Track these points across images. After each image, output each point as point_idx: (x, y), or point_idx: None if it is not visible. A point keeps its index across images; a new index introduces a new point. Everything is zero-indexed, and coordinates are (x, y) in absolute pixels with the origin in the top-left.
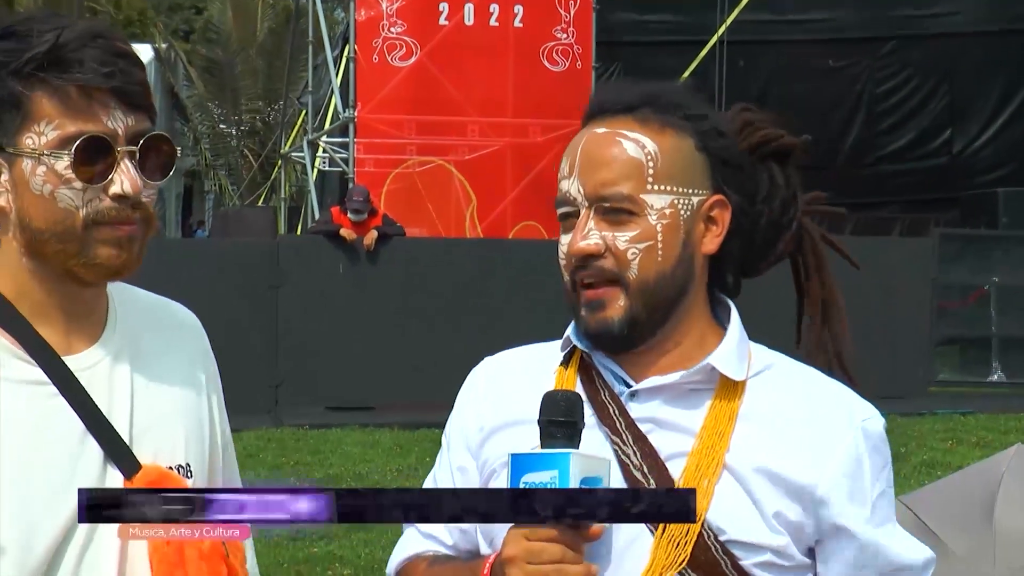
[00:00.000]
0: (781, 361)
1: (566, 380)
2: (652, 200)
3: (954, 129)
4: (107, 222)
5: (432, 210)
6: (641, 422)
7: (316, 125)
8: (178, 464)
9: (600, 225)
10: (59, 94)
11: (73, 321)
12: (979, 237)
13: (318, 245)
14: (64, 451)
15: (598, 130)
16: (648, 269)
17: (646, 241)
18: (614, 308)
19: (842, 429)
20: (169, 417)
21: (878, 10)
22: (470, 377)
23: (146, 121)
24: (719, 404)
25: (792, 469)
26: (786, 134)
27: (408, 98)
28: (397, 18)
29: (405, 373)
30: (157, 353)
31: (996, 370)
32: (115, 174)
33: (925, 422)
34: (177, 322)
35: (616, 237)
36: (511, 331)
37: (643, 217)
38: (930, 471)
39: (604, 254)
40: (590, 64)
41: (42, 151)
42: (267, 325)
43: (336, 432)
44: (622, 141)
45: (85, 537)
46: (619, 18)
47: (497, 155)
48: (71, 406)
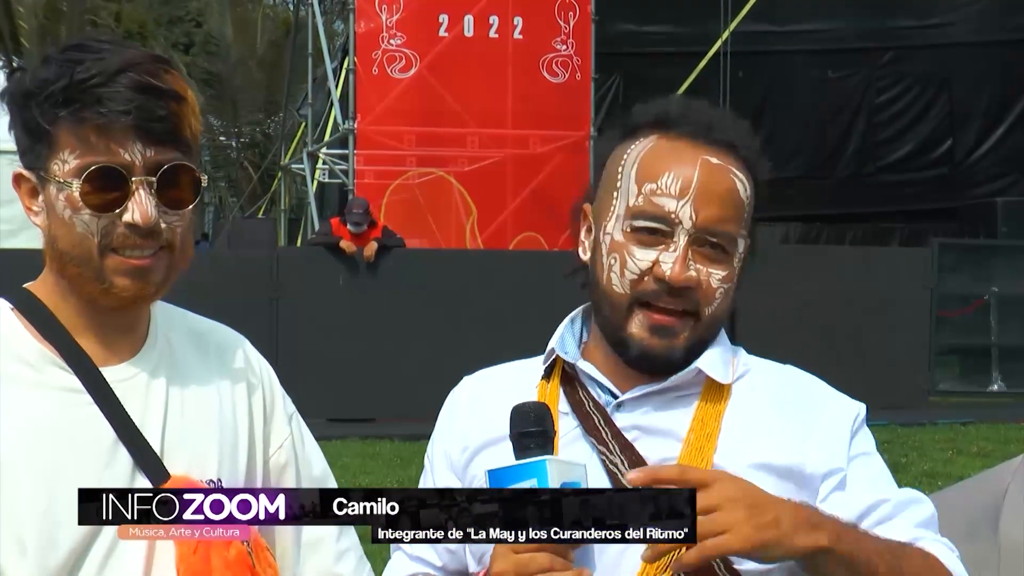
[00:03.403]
0: (760, 363)
1: (549, 392)
2: (740, 244)
3: (953, 139)
4: (118, 249)
5: (432, 221)
6: (627, 430)
7: (316, 137)
8: (208, 479)
9: (695, 257)
10: (77, 129)
11: (112, 335)
12: (978, 247)
13: (318, 257)
14: (94, 457)
15: (713, 160)
16: (723, 308)
17: (730, 282)
18: (682, 338)
19: (824, 409)
20: (203, 433)
21: (878, 20)
22: (451, 397)
23: (172, 152)
24: (705, 407)
25: (780, 454)
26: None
27: (408, 110)
28: (397, 30)
29: (405, 385)
30: (196, 372)
31: (996, 379)
32: (129, 203)
33: (925, 432)
34: (222, 344)
35: (711, 274)
36: (512, 342)
37: (732, 257)
38: (931, 481)
39: (696, 288)
40: (589, 75)
41: (62, 178)
42: (267, 337)
43: (336, 444)
44: (736, 181)
45: (110, 542)
46: (618, 29)
47: (497, 166)
48: (104, 415)
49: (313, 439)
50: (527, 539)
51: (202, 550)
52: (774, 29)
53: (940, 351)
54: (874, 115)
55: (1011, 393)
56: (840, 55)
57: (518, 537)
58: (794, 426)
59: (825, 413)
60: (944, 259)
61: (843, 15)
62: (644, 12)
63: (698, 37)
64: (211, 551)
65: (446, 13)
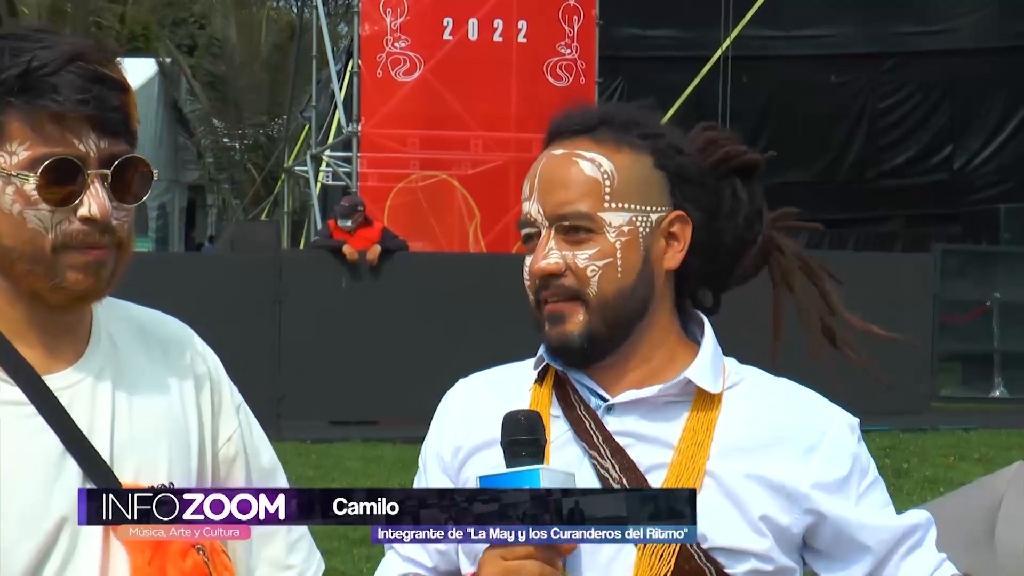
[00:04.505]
0: (754, 373)
1: (540, 397)
2: (610, 218)
3: (955, 145)
4: (76, 246)
5: (435, 224)
6: (618, 436)
7: (319, 139)
8: (160, 483)
9: (560, 244)
10: (31, 118)
11: (54, 339)
12: (981, 253)
13: (321, 259)
14: (42, 472)
15: (556, 152)
16: (607, 285)
17: (605, 258)
18: (573, 322)
19: (823, 427)
20: (152, 435)
21: (880, 26)
22: (444, 400)
23: (123, 144)
24: (696, 416)
25: (777, 470)
26: (748, 150)
27: (411, 113)
28: (401, 33)
29: (408, 387)
30: (142, 369)
31: (998, 386)
32: (84, 196)
33: (927, 438)
34: (166, 337)
35: (576, 255)
36: (514, 346)
37: (602, 235)
38: (932, 487)
39: (565, 273)
40: (593, 79)
41: (11, 171)
42: (270, 339)
43: (338, 446)
44: (579, 161)
45: (63, 559)
46: (622, 33)
47: (500, 170)
48: (50, 426)
49: (260, 428)
50: (527, 539)
51: (157, 562)
52: (777, 34)
53: (942, 357)
54: (876, 120)
55: (1013, 399)
56: (843, 61)
57: (518, 537)
58: (790, 442)
59: (821, 430)
60: (947, 265)
61: (846, 21)
62: (648, 17)
63: (702, 42)
64: (167, 562)
65: (450, 16)
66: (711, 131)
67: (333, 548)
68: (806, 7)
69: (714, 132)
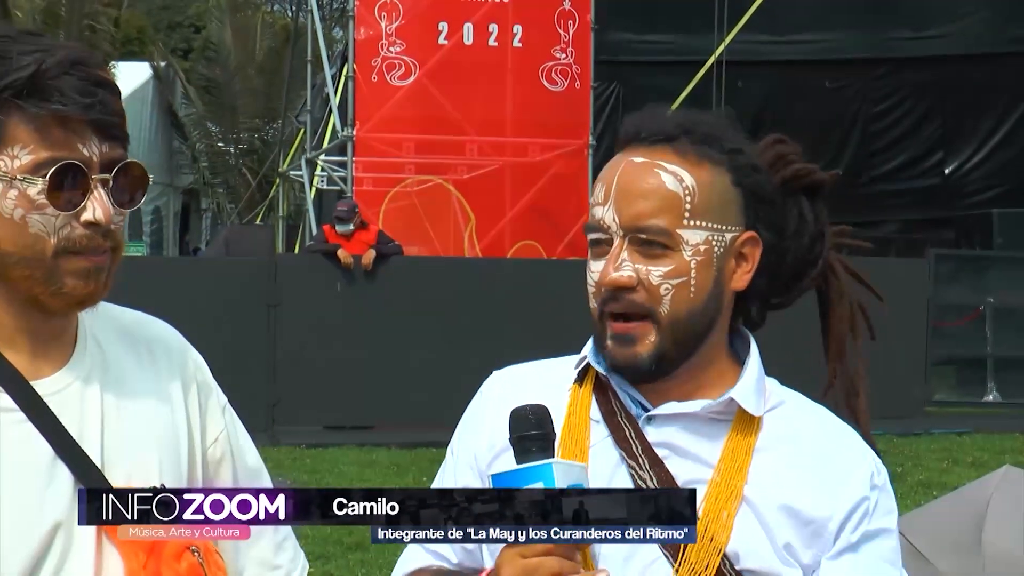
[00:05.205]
0: (794, 398)
1: (581, 398)
2: (688, 235)
3: (948, 150)
4: (77, 251)
5: (430, 229)
6: (657, 447)
7: (315, 144)
8: (152, 487)
9: (634, 257)
10: (35, 121)
11: (41, 344)
12: (974, 257)
13: (316, 264)
14: (33, 478)
15: (636, 159)
16: (680, 305)
17: (680, 277)
18: (644, 344)
19: (855, 468)
20: (142, 439)
21: (874, 32)
22: (482, 391)
23: (120, 149)
24: (736, 437)
25: (807, 502)
26: (818, 168)
27: (407, 117)
28: (396, 37)
29: (403, 392)
30: (130, 373)
31: (992, 390)
32: (88, 201)
33: (921, 442)
34: (151, 338)
35: (650, 271)
36: (509, 350)
37: (678, 252)
38: (926, 491)
39: (636, 287)
40: (588, 84)
41: (15, 175)
42: (264, 343)
43: (333, 451)
44: (661, 173)
45: (56, 565)
46: (618, 38)
47: (496, 174)
48: (40, 432)
49: (244, 429)
50: (527, 539)
51: (152, 565)
52: (772, 39)
53: (936, 361)
54: (869, 125)
55: (1007, 404)
56: (837, 65)
57: (518, 537)
58: (824, 478)
59: (855, 472)
60: (940, 270)
61: (840, 26)
62: (643, 21)
63: (697, 47)
64: (162, 565)
65: (446, 21)
66: (781, 145)
67: (328, 553)
68: (800, 12)
69: (784, 147)
